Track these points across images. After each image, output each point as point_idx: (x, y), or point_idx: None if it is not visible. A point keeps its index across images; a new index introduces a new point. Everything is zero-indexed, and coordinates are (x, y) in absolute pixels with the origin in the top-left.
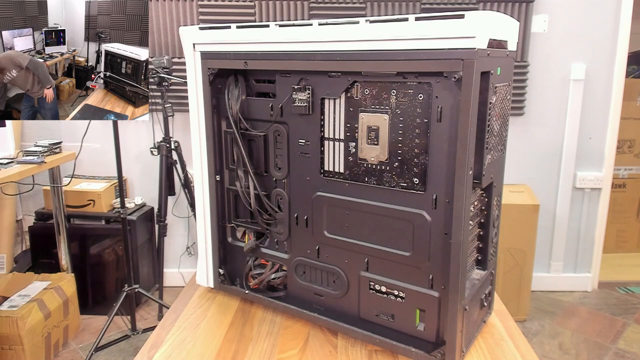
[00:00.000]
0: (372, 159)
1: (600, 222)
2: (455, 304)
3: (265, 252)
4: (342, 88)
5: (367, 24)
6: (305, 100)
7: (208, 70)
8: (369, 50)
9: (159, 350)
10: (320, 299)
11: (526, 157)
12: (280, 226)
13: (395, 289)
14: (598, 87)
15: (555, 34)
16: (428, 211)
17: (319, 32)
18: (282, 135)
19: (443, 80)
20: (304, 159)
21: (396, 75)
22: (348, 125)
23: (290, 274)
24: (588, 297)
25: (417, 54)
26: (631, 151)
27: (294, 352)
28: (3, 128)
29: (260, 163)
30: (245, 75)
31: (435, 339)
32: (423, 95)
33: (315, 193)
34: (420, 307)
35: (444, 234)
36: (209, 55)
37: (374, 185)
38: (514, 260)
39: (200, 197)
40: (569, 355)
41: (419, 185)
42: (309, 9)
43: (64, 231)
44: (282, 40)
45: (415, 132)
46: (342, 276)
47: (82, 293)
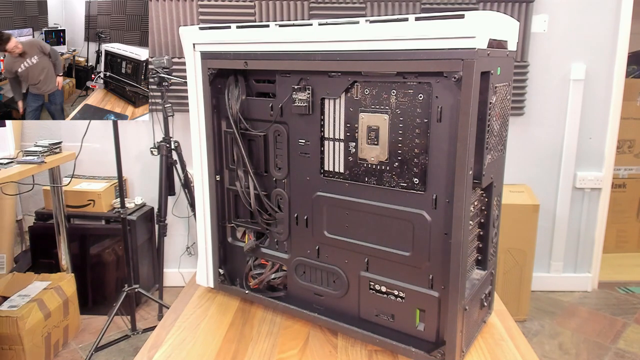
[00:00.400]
0: (372, 159)
1: (600, 222)
2: (455, 304)
3: (265, 252)
4: (342, 88)
5: (367, 24)
6: (305, 100)
7: (208, 70)
8: (369, 50)
9: (159, 350)
10: (320, 299)
11: (526, 157)
12: (280, 226)
13: (395, 289)
14: (598, 87)
15: (555, 34)
16: (428, 211)
17: (319, 32)
18: (282, 135)
19: (443, 80)
20: (304, 159)
21: (396, 75)
22: (348, 125)
23: (290, 274)
24: (588, 297)
25: (417, 54)
26: (631, 151)
27: (294, 352)
28: (3, 128)
29: (260, 163)
30: (245, 75)
31: (435, 339)
32: (423, 95)
33: (315, 193)
34: (420, 307)
35: (444, 234)
36: (209, 55)
37: (374, 185)
38: (514, 260)
39: (200, 197)
40: (569, 355)
41: (419, 185)
42: (309, 9)
43: (64, 231)
44: (282, 40)
45: (415, 132)
46: (342, 276)
47: (82, 293)
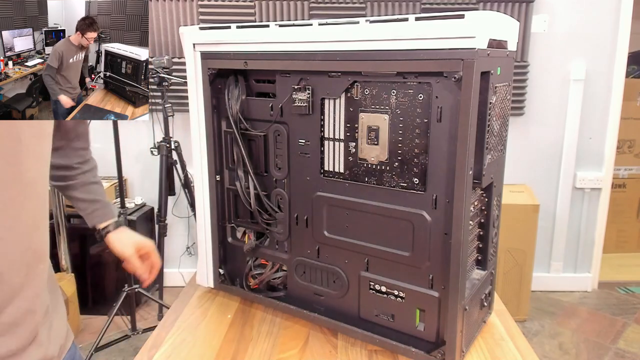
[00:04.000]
0: (372, 159)
1: (600, 222)
2: (455, 303)
3: (265, 252)
4: (342, 88)
5: (368, 24)
6: (305, 100)
7: (208, 70)
8: (369, 50)
9: (159, 350)
10: (320, 299)
11: (526, 157)
12: (280, 226)
13: (395, 289)
14: (598, 87)
15: (555, 34)
16: (428, 211)
17: (319, 32)
18: (282, 135)
19: (443, 80)
20: (304, 159)
21: (396, 75)
22: (348, 125)
23: (290, 273)
24: (588, 297)
25: (417, 54)
26: (631, 151)
27: (294, 352)
28: None
29: (260, 163)
30: (245, 75)
31: (435, 339)
32: (423, 95)
33: (315, 193)
34: (420, 307)
35: (444, 233)
36: (209, 55)
37: (374, 185)
38: (514, 260)
39: (200, 197)
40: (569, 355)
41: (419, 185)
42: (309, 9)
43: (63, 231)
44: (282, 40)
45: (415, 132)
46: (342, 276)
47: (82, 293)
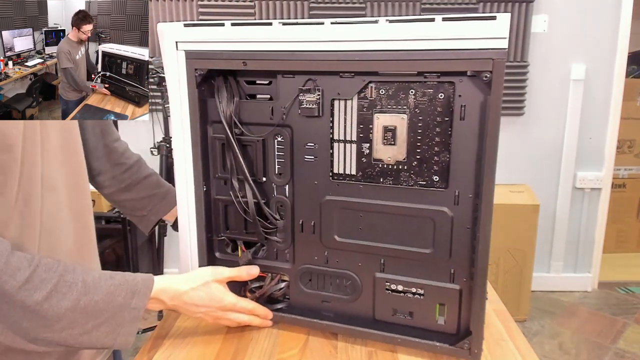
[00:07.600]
0: (388, 159)
1: (600, 222)
2: (482, 294)
3: (264, 263)
4: (356, 89)
5: (388, 24)
6: (314, 102)
7: (195, 72)
8: (389, 50)
9: (159, 350)
10: (327, 305)
11: (526, 157)
12: (280, 234)
13: (413, 287)
14: (598, 87)
15: (555, 34)
16: (450, 207)
17: (333, 31)
18: (285, 139)
19: (466, 79)
20: (311, 163)
21: (416, 75)
22: (361, 126)
23: (294, 283)
24: (588, 297)
25: (442, 53)
26: (631, 151)
27: (294, 352)
28: None
29: (257, 170)
30: (235, 76)
31: (456, 331)
32: (444, 94)
33: (324, 197)
34: (441, 302)
35: (466, 227)
36: (195, 54)
37: (390, 185)
38: (514, 260)
39: (184, 210)
40: (569, 355)
41: (439, 183)
42: (309, 8)
43: None
44: (287, 39)
45: (436, 131)
46: (355, 279)
47: None
